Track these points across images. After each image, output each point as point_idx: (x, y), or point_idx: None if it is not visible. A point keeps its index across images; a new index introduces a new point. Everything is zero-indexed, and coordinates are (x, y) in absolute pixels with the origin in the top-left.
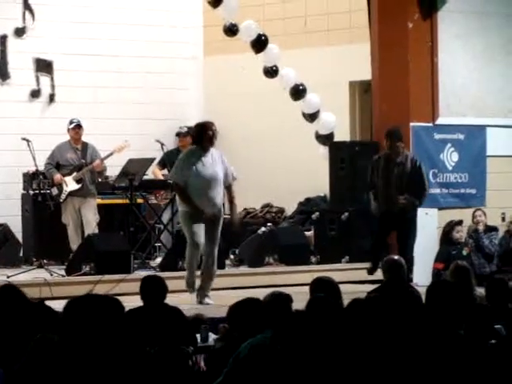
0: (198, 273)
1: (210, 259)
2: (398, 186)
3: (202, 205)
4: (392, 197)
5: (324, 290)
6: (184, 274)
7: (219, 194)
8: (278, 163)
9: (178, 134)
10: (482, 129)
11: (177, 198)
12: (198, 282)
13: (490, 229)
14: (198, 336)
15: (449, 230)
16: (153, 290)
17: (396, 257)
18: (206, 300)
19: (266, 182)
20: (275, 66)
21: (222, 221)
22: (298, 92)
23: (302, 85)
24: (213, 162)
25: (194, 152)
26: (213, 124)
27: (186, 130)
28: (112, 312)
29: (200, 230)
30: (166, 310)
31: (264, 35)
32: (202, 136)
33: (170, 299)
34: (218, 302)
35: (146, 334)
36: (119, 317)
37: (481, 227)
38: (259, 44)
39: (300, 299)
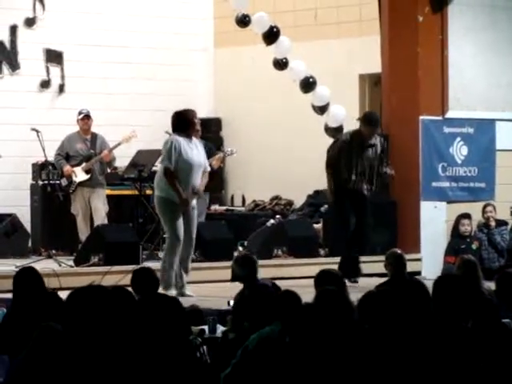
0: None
1: (191, 249)
2: (369, 169)
3: (188, 192)
4: (363, 181)
5: (329, 282)
6: (191, 265)
7: (199, 181)
8: (287, 155)
9: None
10: (491, 123)
11: (158, 182)
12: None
13: (500, 223)
14: (206, 327)
15: (456, 222)
16: (145, 281)
17: (399, 250)
18: (188, 292)
19: (275, 174)
20: (285, 58)
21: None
22: (307, 84)
23: (311, 77)
24: (197, 151)
25: (182, 140)
26: (195, 112)
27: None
28: (115, 302)
29: (181, 223)
30: (165, 301)
31: (276, 27)
32: (187, 124)
33: None
34: (226, 294)
35: (147, 325)
36: (124, 307)
37: (492, 223)
38: (271, 36)
39: (308, 292)
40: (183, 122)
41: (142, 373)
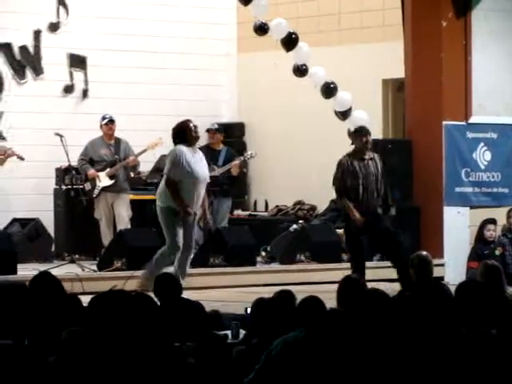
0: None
1: (190, 254)
2: (375, 184)
3: (191, 203)
4: (373, 197)
5: (352, 289)
6: (212, 270)
7: (203, 192)
8: (310, 160)
9: (208, 130)
10: None
11: (160, 193)
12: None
13: None
14: (229, 332)
15: (481, 228)
16: (167, 287)
17: (424, 253)
18: None
19: (298, 179)
20: (305, 64)
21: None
22: (328, 90)
23: (332, 83)
24: (201, 161)
25: (186, 151)
26: (192, 121)
27: (216, 126)
28: (138, 307)
29: (181, 232)
30: (188, 306)
31: (294, 33)
32: (184, 133)
33: (202, 295)
34: (249, 299)
35: (170, 330)
36: (146, 312)
37: None
38: (290, 42)
39: (332, 297)
40: (181, 133)
41: (164, 377)
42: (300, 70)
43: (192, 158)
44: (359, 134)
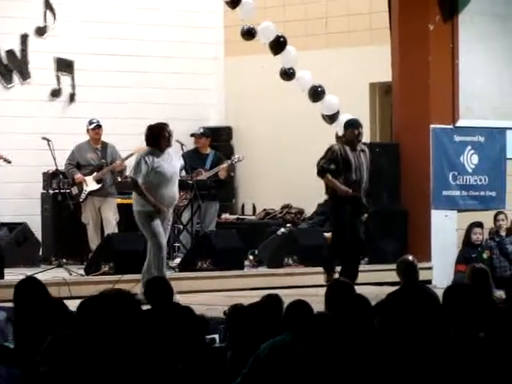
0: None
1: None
2: (366, 176)
3: (163, 202)
4: (362, 188)
5: (341, 292)
6: (199, 274)
7: (177, 190)
8: (297, 164)
9: (193, 135)
10: (502, 131)
11: (134, 198)
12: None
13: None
14: (217, 336)
15: (468, 231)
16: (159, 291)
17: (410, 257)
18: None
19: (285, 182)
20: (292, 68)
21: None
22: (316, 94)
23: (320, 86)
24: (171, 160)
25: (153, 153)
26: (167, 125)
27: (201, 130)
28: (126, 309)
29: (161, 229)
30: (177, 310)
31: (282, 37)
32: (157, 139)
33: (189, 299)
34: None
35: (161, 334)
36: (134, 313)
37: (503, 232)
38: (278, 45)
39: (319, 301)
40: (153, 137)
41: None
42: (287, 74)
43: (160, 160)
44: (351, 127)
